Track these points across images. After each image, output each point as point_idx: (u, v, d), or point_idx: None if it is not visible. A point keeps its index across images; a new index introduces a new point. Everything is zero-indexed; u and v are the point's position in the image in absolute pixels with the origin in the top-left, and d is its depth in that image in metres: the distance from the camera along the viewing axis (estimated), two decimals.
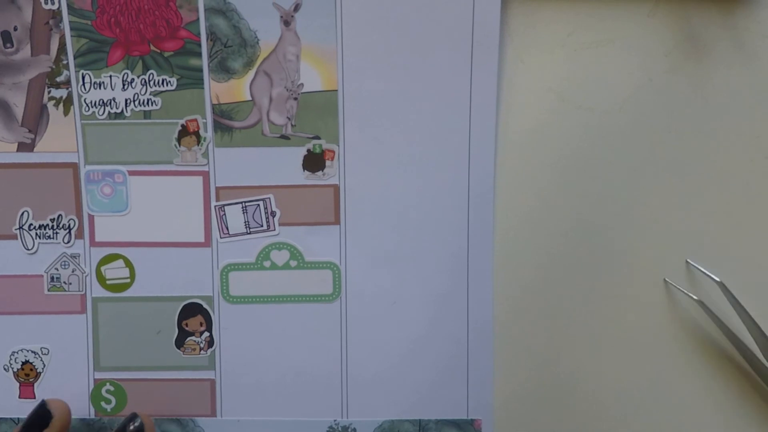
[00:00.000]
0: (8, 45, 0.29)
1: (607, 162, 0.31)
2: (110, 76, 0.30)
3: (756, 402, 0.32)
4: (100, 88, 0.30)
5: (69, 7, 0.29)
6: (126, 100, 0.30)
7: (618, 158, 0.31)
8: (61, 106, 0.30)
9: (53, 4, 0.29)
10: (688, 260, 0.31)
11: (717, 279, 0.30)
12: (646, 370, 0.32)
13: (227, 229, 0.31)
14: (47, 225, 0.31)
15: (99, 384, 0.32)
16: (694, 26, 0.30)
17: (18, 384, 0.32)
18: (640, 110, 0.30)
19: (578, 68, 0.30)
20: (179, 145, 0.30)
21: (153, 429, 0.29)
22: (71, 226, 0.31)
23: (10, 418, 0.32)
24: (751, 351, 0.30)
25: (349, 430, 0.32)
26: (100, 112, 0.30)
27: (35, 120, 0.30)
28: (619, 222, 0.31)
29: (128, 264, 0.31)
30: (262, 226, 0.31)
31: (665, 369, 0.32)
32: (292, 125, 0.30)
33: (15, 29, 0.29)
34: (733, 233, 0.31)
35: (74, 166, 0.31)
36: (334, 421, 0.32)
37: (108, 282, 0.31)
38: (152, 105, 0.30)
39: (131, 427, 0.28)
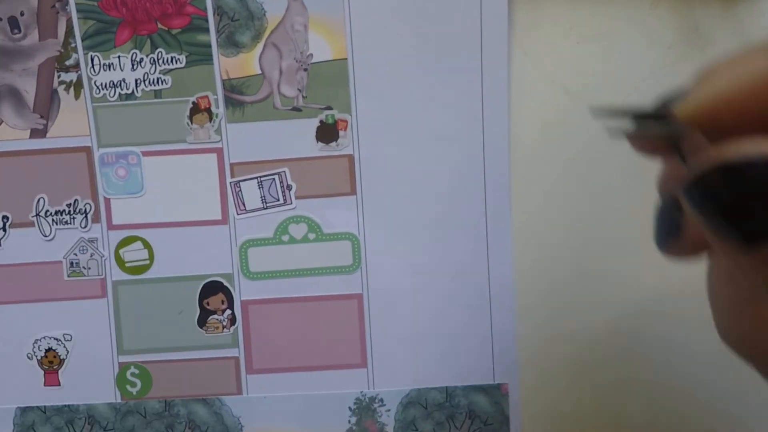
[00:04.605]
0: (16, 31, 0.29)
1: (612, 152, 0.30)
2: (119, 57, 0.30)
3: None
4: (109, 69, 0.30)
5: None
6: (136, 81, 0.30)
7: (622, 149, 0.30)
8: (71, 89, 0.30)
9: None
10: None
11: None
12: (667, 344, 0.31)
13: (244, 205, 0.31)
14: (63, 210, 0.31)
15: (124, 367, 0.32)
16: (697, 18, 0.30)
17: (42, 372, 0.32)
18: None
19: (582, 61, 0.30)
20: (191, 122, 0.30)
21: None
22: (87, 210, 0.31)
23: (37, 407, 0.32)
24: None
25: (377, 400, 0.31)
26: (111, 94, 0.30)
27: (47, 105, 0.30)
28: (622, 209, 0.31)
29: (147, 245, 0.31)
30: (278, 200, 0.31)
31: (678, 351, 0.31)
32: (303, 97, 0.30)
33: (22, 14, 0.29)
34: None
35: (87, 150, 0.30)
36: (361, 392, 0.31)
37: (127, 264, 0.31)
38: (162, 84, 0.30)
39: None
